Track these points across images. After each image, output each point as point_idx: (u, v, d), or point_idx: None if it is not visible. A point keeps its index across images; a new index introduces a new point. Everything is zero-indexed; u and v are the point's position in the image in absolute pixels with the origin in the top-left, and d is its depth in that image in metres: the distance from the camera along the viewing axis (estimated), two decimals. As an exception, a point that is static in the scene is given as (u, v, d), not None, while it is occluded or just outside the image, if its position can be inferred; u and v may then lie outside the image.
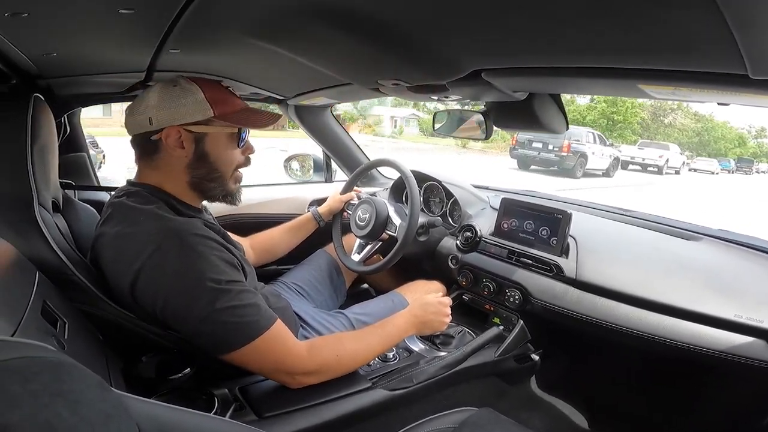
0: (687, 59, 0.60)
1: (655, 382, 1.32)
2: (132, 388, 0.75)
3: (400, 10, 0.64)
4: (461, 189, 1.58)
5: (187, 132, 0.85)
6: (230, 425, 0.52)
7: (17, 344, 0.36)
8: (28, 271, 0.69)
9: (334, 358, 0.89)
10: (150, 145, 0.86)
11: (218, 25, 0.75)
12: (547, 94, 1.01)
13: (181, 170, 0.87)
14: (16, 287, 0.62)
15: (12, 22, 0.62)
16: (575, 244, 1.23)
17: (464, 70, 0.85)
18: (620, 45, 0.61)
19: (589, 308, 1.11)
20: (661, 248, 1.21)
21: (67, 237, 0.89)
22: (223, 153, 0.89)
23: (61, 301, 0.72)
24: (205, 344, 0.78)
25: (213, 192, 0.91)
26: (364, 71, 1.00)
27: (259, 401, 0.85)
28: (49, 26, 0.68)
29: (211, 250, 0.80)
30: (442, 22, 0.65)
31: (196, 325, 0.77)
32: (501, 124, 1.15)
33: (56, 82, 1.12)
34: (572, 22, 0.57)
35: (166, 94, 0.84)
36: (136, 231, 0.80)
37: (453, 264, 1.42)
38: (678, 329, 1.00)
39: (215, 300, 0.76)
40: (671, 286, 1.05)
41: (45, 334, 0.58)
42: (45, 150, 0.90)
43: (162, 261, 0.77)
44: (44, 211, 0.84)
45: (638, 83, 0.71)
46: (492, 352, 1.19)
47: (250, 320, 0.78)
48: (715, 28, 0.46)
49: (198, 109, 0.84)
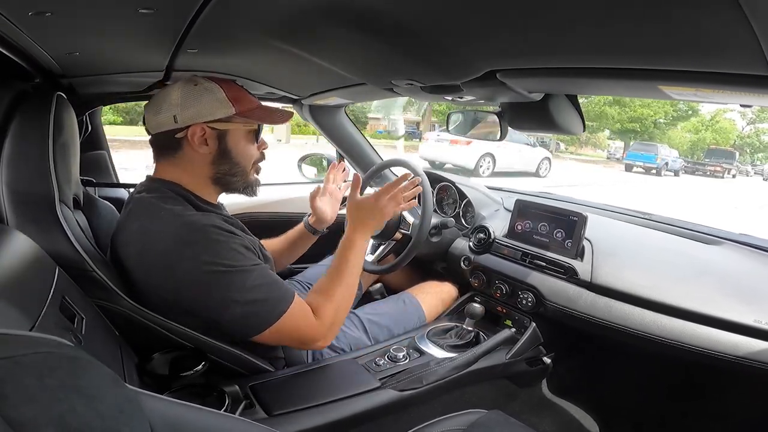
0: (708, 60, 0.58)
1: (670, 387, 1.30)
2: (145, 383, 0.76)
3: (414, 10, 0.63)
4: (475, 190, 1.57)
5: (210, 129, 0.87)
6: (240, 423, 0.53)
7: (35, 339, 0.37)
8: (48, 267, 0.71)
9: (334, 311, 0.92)
10: (174, 142, 0.88)
11: (235, 26, 0.76)
12: (564, 95, 0.99)
13: (204, 166, 0.90)
14: (36, 283, 0.63)
15: (36, 21, 0.63)
16: (591, 246, 1.21)
17: (479, 70, 0.84)
18: (639, 46, 0.60)
19: (604, 312, 1.09)
20: (679, 252, 1.19)
21: (87, 233, 0.91)
22: (243, 149, 0.92)
23: (79, 296, 0.73)
24: (242, 328, 0.83)
25: (235, 185, 0.95)
26: (377, 71, 1.00)
27: (268, 399, 0.86)
28: (72, 25, 0.70)
29: (233, 240, 0.84)
30: (457, 23, 0.65)
31: (233, 310, 0.81)
32: (516, 125, 1.14)
33: (78, 81, 1.15)
34: (590, 22, 0.56)
35: (188, 93, 0.86)
36: (159, 227, 0.82)
37: (465, 265, 1.41)
38: (695, 334, 0.97)
39: (245, 281, 0.81)
40: (689, 290, 1.03)
41: (63, 329, 0.60)
42: (67, 148, 0.92)
43: (190, 254, 0.79)
44: (65, 208, 0.85)
45: (658, 84, 0.70)
46: (503, 355, 1.18)
47: (278, 294, 0.84)
48: (737, 28, 0.44)
49: (221, 107, 0.87)
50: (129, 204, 0.90)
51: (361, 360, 1.05)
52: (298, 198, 1.78)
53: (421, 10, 0.63)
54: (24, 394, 0.29)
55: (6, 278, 0.56)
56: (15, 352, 0.33)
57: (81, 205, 1.01)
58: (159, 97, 0.88)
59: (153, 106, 0.88)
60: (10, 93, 0.87)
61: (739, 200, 10.01)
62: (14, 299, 0.54)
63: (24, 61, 0.85)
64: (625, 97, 1.78)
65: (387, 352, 1.08)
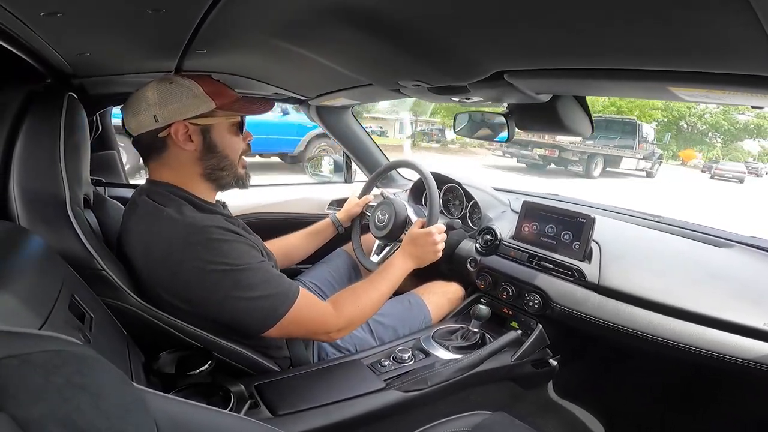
0: (720, 61, 0.58)
1: (678, 390, 1.28)
2: (152, 382, 0.77)
3: (421, 11, 0.63)
4: (481, 191, 1.56)
5: (193, 125, 0.87)
6: (244, 422, 0.53)
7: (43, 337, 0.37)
8: (58, 266, 0.72)
9: (358, 309, 0.96)
10: (158, 142, 0.87)
11: (243, 26, 0.76)
12: (572, 96, 0.98)
13: (192, 163, 0.90)
14: (46, 281, 0.64)
15: (47, 21, 0.64)
16: (599, 249, 1.20)
17: (486, 71, 0.83)
18: (649, 47, 0.59)
19: (612, 314, 1.08)
20: (689, 255, 1.17)
21: (96, 232, 0.92)
22: (229, 141, 0.92)
23: (88, 295, 0.74)
24: (249, 324, 0.84)
25: (225, 179, 0.94)
26: (384, 72, 1.00)
27: (273, 399, 0.86)
28: (83, 26, 0.70)
29: (236, 238, 0.85)
30: (464, 24, 0.64)
31: (240, 307, 0.82)
32: (523, 126, 1.13)
33: (89, 82, 1.16)
34: (598, 23, 0.55)
35: (165, 91, 0.85)
36: (161, 230, 0.82)
37: (472, 267, 1.40)
38: (704, 337, 0.96)
39: (250, 279, 0.82)
40: (699, 293, 1.02)
41: (72, 328, 0.60)
42: (78, 148, 0.93)
43: (193, 255, 0.80)
44: (76, 207, 0.86)
45: (668, 86, 0.69)
46: (509, 356, 1.17)
47: (283, 290, 0.86)
48: (748, 29, 0.44)
49: (200, 102, 0.86)
50: (132, 205, 0.90)
51: (366, 361, 1.05)
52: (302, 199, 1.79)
53: (429, 11, 0.63)
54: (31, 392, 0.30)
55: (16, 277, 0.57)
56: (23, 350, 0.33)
57: (91, 204, 1.02)
58: (134, 97, 0.87)
59: (130, 108, 0.87)
60: (22, 93, 0.88)
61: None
62: (24, 297, 0.54)
63: (36, 62, 0.86)
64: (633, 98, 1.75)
65: (392, 353, 1.08)
